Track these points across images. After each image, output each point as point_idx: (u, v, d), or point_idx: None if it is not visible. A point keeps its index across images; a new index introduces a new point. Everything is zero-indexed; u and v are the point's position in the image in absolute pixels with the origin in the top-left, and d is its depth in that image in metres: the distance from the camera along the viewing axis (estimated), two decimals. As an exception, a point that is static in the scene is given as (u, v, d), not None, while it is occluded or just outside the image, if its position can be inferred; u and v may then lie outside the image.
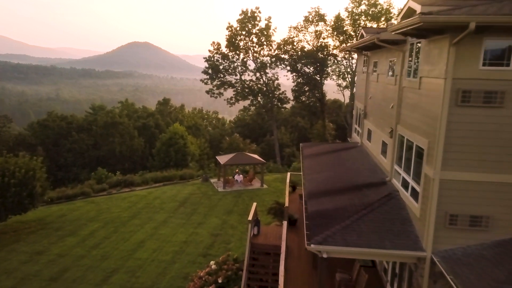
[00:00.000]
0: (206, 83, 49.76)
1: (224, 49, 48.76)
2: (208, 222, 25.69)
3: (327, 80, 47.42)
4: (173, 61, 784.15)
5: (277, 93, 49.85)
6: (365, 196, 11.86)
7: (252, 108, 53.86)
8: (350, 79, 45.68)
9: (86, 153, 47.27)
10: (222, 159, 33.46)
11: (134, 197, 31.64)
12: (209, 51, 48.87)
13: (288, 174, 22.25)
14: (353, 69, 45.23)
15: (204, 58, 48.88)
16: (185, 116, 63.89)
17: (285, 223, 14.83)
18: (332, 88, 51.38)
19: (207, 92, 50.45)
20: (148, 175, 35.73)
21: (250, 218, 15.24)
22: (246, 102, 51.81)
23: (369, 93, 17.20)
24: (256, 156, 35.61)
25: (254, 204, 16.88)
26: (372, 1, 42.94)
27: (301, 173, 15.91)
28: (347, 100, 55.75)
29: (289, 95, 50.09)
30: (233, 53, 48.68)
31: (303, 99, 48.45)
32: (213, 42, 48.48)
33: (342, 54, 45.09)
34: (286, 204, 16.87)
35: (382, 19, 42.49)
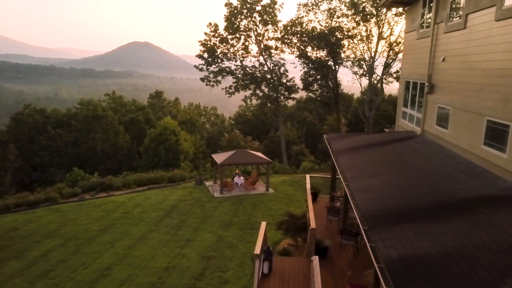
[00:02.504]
0: (201, 70, 43.43)
1: (222, 32, 42.32)
2: (199, 238, 19.76)
3: (341, 67, 41.24)
4: (173, 61, 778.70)
5: (284, 80, 43.44)
6: (491, 224, 5.90)
7: (255, 99, 47.30)
8: (368, 66, 39.60)
9: (64, 151, 41.23)
10: (219, 157, 27.60)
11: (110, 204, 25.71)
12: (205, 33, 42.60)
13: (307, 177, 16.30)
14: (372, 55, 39.12)
15: (199, 41, 42.65)
16: (179, 111, 57.68)
17: (316, 260, 8.85)
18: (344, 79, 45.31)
19: (202, 79, 44.09)
20: (130, 177, 29.81)
21: (257, 250, 9.28)
22: (248, 93, 45.40)
23: (439, 53, 11.22)
24: (259, 154, 29.73)
25: (263, 224, 10.95)
26: None
27: (340, 177, 9.95)
28: (357, 94, 49.79)
29: (298, 85, 43.75)
30: (233, 36, 42.23)
31: (314, 87, 42.17)
32: (210, 24, 42.16)
33: (359, 37, 39.05)
34: (312, 224, 10.93)
35: None
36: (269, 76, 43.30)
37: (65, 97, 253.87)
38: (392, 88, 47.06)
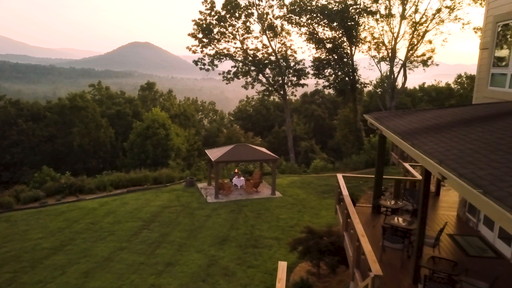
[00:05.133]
0: (194, 52, 38.03)
1: (220, 10, 36.72)
2: (184, 261, 14.55)
3: (357, 49, 35.81)
4: (173, 61, 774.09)
5: (292, 63, 37.90)
6: None
7: (256, 92, 41.79)
8: (389, 49, 34.14)
9: (37, 147, 36.02)
10: (214, 153, 22.46)
11: (77, 211, 20.50)
12: (200, 12, 37.15)
13: (340, 177, 11.03)
14: (395, 36, 33.64)
15: (193, 20, 37.01)
16: (173, 104, 52.30)
17: None
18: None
19: (196, 63, 38.67)
20: (105, 178, 24.62)
21: None
22: (250, 80, 39.82)
23: None
24: (263, 149, 24.50)
25: (282, 268, 5.65)
26: None
27: (437, 175, 4.61)
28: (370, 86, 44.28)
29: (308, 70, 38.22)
30: (232, 14, 36.65)
31: (327, 73, 36.71)
32: (205, 0, 36.66)
33: (378, 15, 33.61)
34: (374, 267, 5.65)
35: None
36: (273, 59, 37.74)
37: (64, 97, 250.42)
38: (409, 79, 41.69)
